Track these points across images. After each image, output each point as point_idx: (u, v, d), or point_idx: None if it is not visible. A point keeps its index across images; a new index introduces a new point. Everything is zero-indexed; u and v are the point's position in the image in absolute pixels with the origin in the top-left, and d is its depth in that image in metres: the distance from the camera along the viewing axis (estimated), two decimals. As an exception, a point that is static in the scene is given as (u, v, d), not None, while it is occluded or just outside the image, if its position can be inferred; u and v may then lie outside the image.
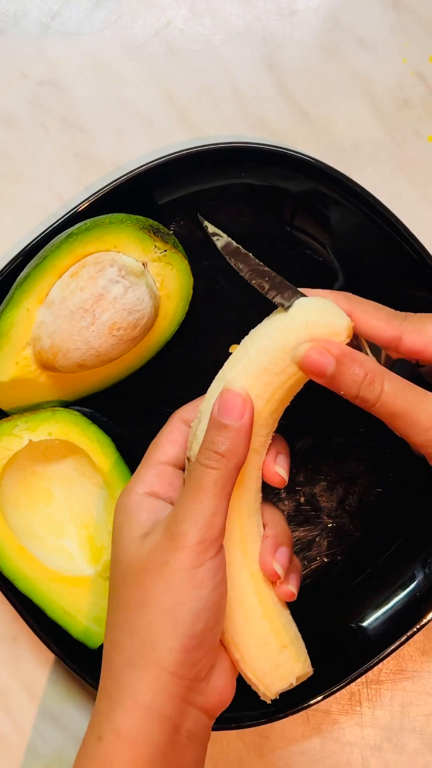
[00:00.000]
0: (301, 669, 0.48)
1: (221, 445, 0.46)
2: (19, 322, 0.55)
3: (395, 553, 0.60)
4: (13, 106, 0.63)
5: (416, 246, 0.58)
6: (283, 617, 0.49)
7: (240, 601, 0.48)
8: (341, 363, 0.45)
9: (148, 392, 0.60)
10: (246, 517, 0.49)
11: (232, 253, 0.51)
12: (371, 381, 0.46)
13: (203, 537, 0.45)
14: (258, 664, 0.48)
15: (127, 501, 0.49)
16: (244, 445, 0.46)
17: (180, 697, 0.45)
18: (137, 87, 0.63)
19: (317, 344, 0.46)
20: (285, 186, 0.60)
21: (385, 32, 0.63)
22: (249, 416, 0.46)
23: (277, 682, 0.48)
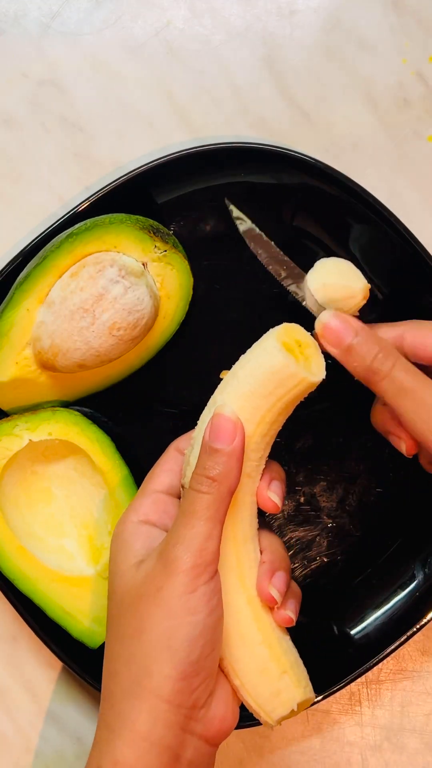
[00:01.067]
0: (302, 695, 0.47)
1: (213, 470, 0.46)
2: (19, 322, 0.55)
3: (395, 553, 0.60)
4: (13, 106, 0.63)
5: (416, 246, 0.58)
6: (282, 643, 0.48)
7: (238, 627, 0.47)
8: (359, 335, 0.47)
9: (148, 392, 0.60)
10: (241, 543, 0.49)
11: (253, 238, 0.53)
12: (386, 356, 0.47)
13: (196, 562, 0.44)
14: (258, 690, 0.47)
15: (122, 530, 0.49)
16: (236, 469, 0.46)
17: (179, 725, 0.44)
18: (137, 87, 0.63)
19: (340, 315, 0.47)
20: (285, 186, 0.60)
21: (385, 32, 0.63)
22: (240, 440, 0.46)
23: (278, 708, 0.47)
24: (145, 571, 0.46)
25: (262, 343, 0.48)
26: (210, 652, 0.45)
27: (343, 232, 0.60)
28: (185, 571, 0.44)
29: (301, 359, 0.47)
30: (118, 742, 0.44)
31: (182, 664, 0.44)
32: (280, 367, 0.46)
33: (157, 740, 0.44)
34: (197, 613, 0.44)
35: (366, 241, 0.60)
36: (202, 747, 0.46)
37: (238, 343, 0.60)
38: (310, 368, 0.47)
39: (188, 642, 0.44)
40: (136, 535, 0.49)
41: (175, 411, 0.60)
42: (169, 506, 0.50)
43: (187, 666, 0.44)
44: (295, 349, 0.48)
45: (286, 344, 0.47)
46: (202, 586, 0.44)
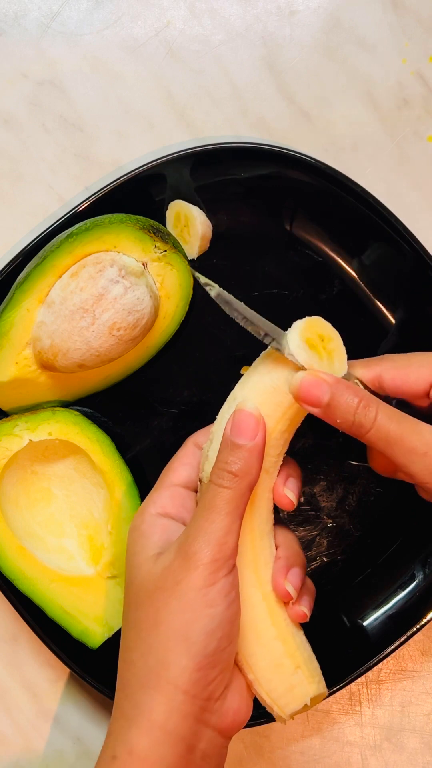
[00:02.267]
0: (315, 690, 0.48)
1: (234, 465, 0.46)
2: (19, 322, 0.55)
3: (395, 553, 0.60)
4: (13, 106, 0.63)
5: (416, 246, 0.58)
6: (296, 638, 0.49)
7: (253, 622, 0.48)
8: (336, 390, 0.46)
9: (148, 392, 0.60)
10: (258, 537, 0.49)
11: (225, 303, 0.52)
12: (366, 406, 0.46)
13: (216, 556, 0.45)
14: (272, 685, 0.47)
15: (140, 522, 0.50)
16: (257, 464, 0.46)
17: (194, 716, 0.45)
18: (137, 87, 0.63)
19: (310, 374, 0.46)
20: (285, 186, 0.60)
21: (385, 32, 0.63)
22: (262, 436, 0.47)
23: (292, 703, 0.47)
24: (163, 563, 0.46)
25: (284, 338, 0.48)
26: (227, 645, 0.45)
27: (342, 232, 0.60)
28: (205, 564, 0.44)
29: (324, 355, 0.47)
30: (133, 730, 0.45)
31: (199, 655, 0.44)
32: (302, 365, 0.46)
33: (173, 730, 0.44)
34: (215, 605, 0.44)
35: (366, 241, 0.60)
36: (216, 738, 0.46)
37: (238, 343, 0.60)
38: (333, 363, 0.47)
39: (206, 634, 0.44)
40: (154, 527, 0.49)
41: (175, 411, 0.60)
42: (187, 500, 0.50)
43: (203, 658, 0.44)
44: (318, 345, 0.47)
45: (309, 340, 0.47)
46: (221, 580, 0.45)
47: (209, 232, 0.60)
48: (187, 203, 0.59)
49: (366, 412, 0.46)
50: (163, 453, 0.60)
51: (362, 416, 0.46)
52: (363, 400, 0.46)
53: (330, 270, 0.61)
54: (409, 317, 0.60)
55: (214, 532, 0.45)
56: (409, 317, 0.60)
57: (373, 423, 0.46)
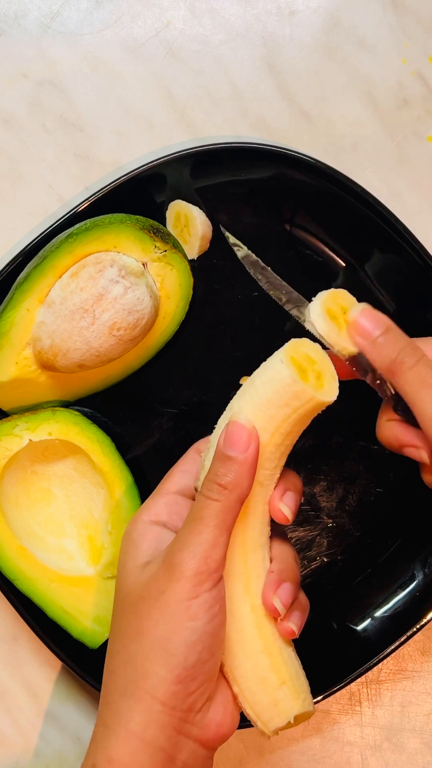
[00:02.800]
0: (299, 707, 0.47)
1: (224, 477, 0.45)
2: (19, 322, 0.55)
3: (395, 553, 0.60)
4: (13, 106, 0.63)
5: (416, 246, 0.58)
6: (284, 653, 0.48)
7: (240, 634, 0.47)
8: (388, 330, 0.47)
9: (148, 392, 0.60)
10: (250, 549, 0.48)
11: (252, 264, 0.53)
12: (413, 349, 0.47)
13: (200, 569, 0.44)
14: (256, 699, 0.47)
15: (132, 529, 0.49)
16: (247, 477, 0.46)
17: (173, 727, 0.44)
18: (137, 87, 0.63)
19: (368, 310, 0.47)
20: (285, 186, 0.60)
21: (385, 32, 0.63)
22: (254, 449, 0.46)
23: (275, 718, 0.47)
24: (149, 572, 0.46)
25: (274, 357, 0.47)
26: (208, 658, 0.45)
27: (342, 232, 0.60)
28: (188, 577, 0.44)
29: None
30: (113, 739, 0.45)
31: (178, 667, 0.44)
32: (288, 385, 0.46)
33: (151, 740, 0.44)
34: (197, 619, 0.44)
35: (366, 241, 0.60)
36: (198, 750, 0.46)
37: (238, 343, 0.60)
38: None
39: (186, 646, 0.44)
40: (145, 535, 0.48)
41: (175, 411, 0.60)
42: (182, 508, 0.50)
43: (183, 670, 0.44)
44: (339, 317, 0.48)
45: (330, 311, 0.47)
46: (204, 593, 0.44)
47: (209, 232, 0.60)
48: (187, 203, 0.59)
49: (412, 352, 0.47)
50: (163, 453, 0.60)
51: (406, 354, 0.47)
52: (409, 344, 0.47)
53: (330, 270, 0.61)
54: (408, 317, 0.60)
55: (200, 544, 0.44)
56: (409, 317, 0.60)
57: (416, 363, 0.46)
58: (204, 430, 0.60)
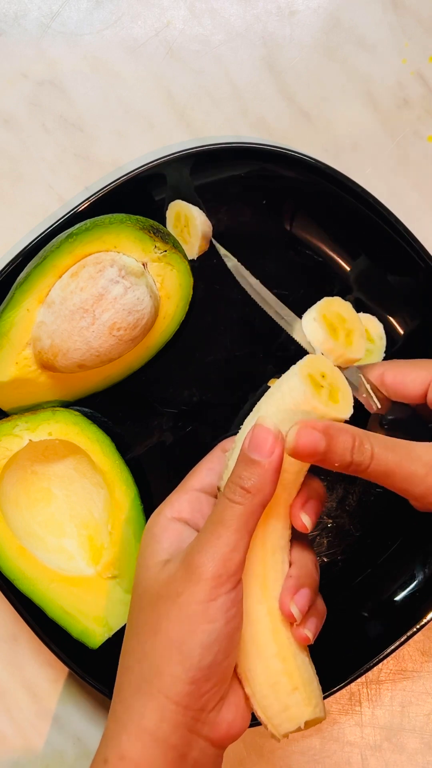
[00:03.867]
0: (311, 713, 0.47)
1: (248, 481, 0.45)
2: (19, 322, 0.55)
3: (395, 553, 0.60)
4: (13, 106, 0.63)
5: (416, 246, 0.58)
6: (298, 658, 0.48)
7: (254, 636, 0.47)
8: (330, 435, 0.45)
9: (148, 392, 0.60)
10: (270, 552, 0.48)
11: (241, 275, 0.54)
12: (361, 443, 0.45)
13: (219, 571, 0.44)
14: (267, 702, 0.47)
15: (154, 524, 0.49)
16: (271, 482, 0.46)
17: (185, 726, 0.44)
18: (137, 87, 0.63)
19: (302, 427, 0.45)
20: (285, 186, 0.60)
21: (385, 32, 0.63)
22: (278, 454, 0.46)
23: (285, 723, 0.47)
24: (168, 571, 0.46)
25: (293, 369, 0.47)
26: (223, 659, 0.45)
27: (342, 232, 0.60)
28: (207, 579, 0.44)
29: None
30: (124, 736, 0.45)
31: (193, 668, 0.44)
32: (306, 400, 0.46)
33: (163, 738, 0.44)
34: (214, 621, 0.44)
35: (366, 241, 0.60)
36: (208, 749, 0.46)
37: (238, 343, 0.60)
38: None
39: (202, 648, 0.44)
40: (167, 531, 0.48)
41: (175, 411, 0.60)
42: (205, 505, 0.50)
43: (197, 671, 0.44)
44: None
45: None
46: (222, 596, 0.44)
47: (209, 232, 0.60)
48: (187, 203, 0.59)
49: (362, 449, 0.45)
50: (163, 453, 0.60)
51: (359, 455, 0.45)
52: (357, 438, 0.45)
53: (330, 270, 0.61)
54: (408, 317, 0.60)
55: (220, 547, 0.44)
56: (409, 317, 0.60)
57: (371, 458, 0.45)
58: (204, 430, 0.60)
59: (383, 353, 0.59)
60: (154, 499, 0.60)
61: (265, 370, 0.60)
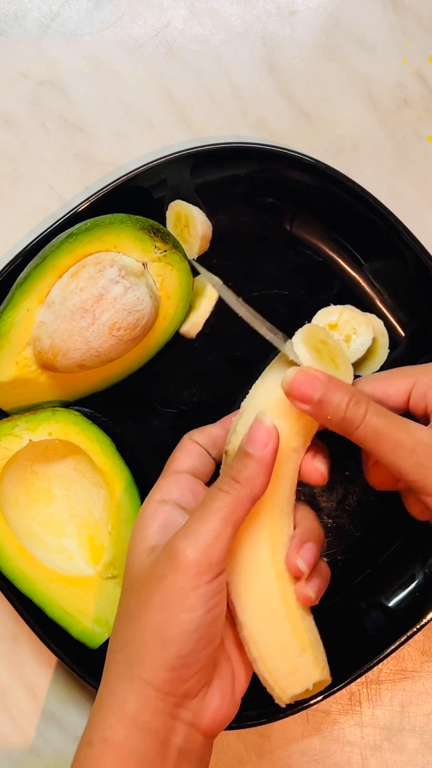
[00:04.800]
0: (319, 675, 0.47)
1: (239, 472, 0.46)
2: (19, 322, 0.55)
3: (395, 553, 0.60)
4: (13, 106, 0.63)
5: (416, 246, 0.58)
6: (306, 621, 0.48)
7: (263, 600, 0.47)
8: (328, 387, 0.46)
9: (148, 392, 0.60)
10: (278, 516, 0.48)
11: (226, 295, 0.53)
12: (357, 403, 0.46)
13: (200, 559, 0.44)
14: (275, 664, 0.47)
15: (144, 509, 0.50)
16: (262, 475, 0.46)
17: (167, 713, 0.44)
18: (137, 87, 0.63)
19: (303, 370, 0.46)
20: (285, 186, 0.60)
21: (385, 32, 0.63)
22: (272, 448, 0.46)
23: (293, 685, 0.47)
24: (154, 556, 0.46)
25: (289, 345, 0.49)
26: (204, 647, 0.45)
27: (342, 232, 0.60)
28: (188, 566, 0.44)
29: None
30: (108, 719, 0.45)
31: (173, 656, 0.44)
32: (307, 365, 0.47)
33: (144, 723, 0.44)
34: (194, 610, 0.44)
35: (366, 241, 0.60)
36: (194, 735, 0.46)
37: (238, 343, 0.60)
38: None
39: (182, 636, 0.44)
40: (155, 515, 0.49)
41: (175, 411, 0.60)
42: (192, 484, 0.50)
43: (177, 659, 0.44)
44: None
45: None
46: (203, 586, 0.44)
47: (209, 232, 0.60)
48: (187, 203, 0.59)
49: (356, 409, 0.46)
50: (163, 453, 0.60)
51: (352, 413, 0.46)
52: (354, 397, 0.46)
53: (330, 270, 0.61)
54: (409, 315, 0.60)
55: (203, 533, 0.44)
56: (409, 316, 0.60)
57: (363, 419, 0.46)
58: (204, 430, 0.60)
59: (387, 351, 0.59)
60: (154, 499, 0.60)
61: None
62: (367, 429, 0.46)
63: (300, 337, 0.48)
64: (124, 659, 0.46)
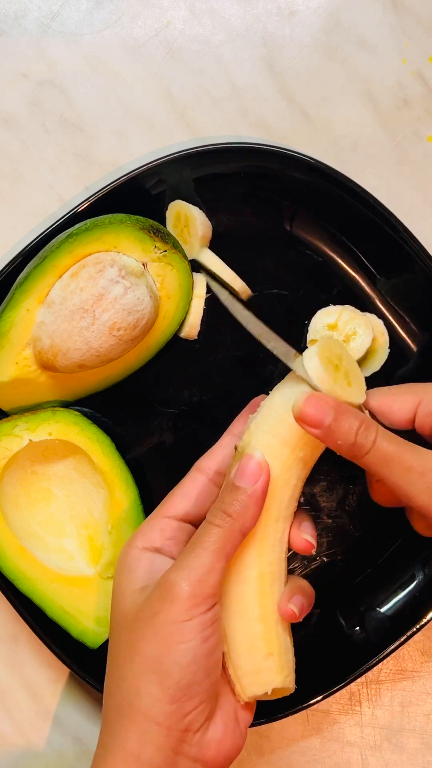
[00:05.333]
0: (281, 682, 0.48)
1: (230, 506, 0.46)
2: (19, 322, 0.55)
3: (395, 553, 0.60)
4: (13, 106, 0.63)
5: (416, 246, 0.58)
6: (279, 627, 0.49)
7: (241, 597, 0.48)
8: (339, 412, 0.46)
9: (148, 392, 0.60)
10: (273, 519, 0.48)
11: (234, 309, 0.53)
12: (366, 428, 0.46)
13: (195, 592, 0.44)
14: (240, 662, 0.47)
15: (126, 554, 0.50)
16: (253, 509, 0.46)
17: (170, 748, 0.44)
18: (137, 87, 0.63)
19: (313, 395, 0.46)
20: (285, 186, 0.60)
21: (385, 32, 0.63)
22: (262, 483, 0.47)
23: (253, 686, 0.47)
24: (145, 595, 0.46)
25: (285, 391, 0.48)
26: (204, 678, 0.45)
27: (342, 232, 0.60)
28: (182, 599, 0.44)
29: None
30: (110, 760, 0.45)
31: (172, 688, 0.44)
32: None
33: (147, 761, 0.44)
34: (190, 640, 0.44)
35: (366, 241, 0.60)
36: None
37: (238, 343, 0.60)
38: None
39: (179, 667, 0.44)
40: (140, 561, 0.49)
41: (175, 411, 0.60)
42: (178, 533, 0.50)
43: (177, 690, 0.44)
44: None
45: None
46: (198, 617, 0.44)
47: (209, 232, 0.60)
48: (187, 203, 0.59)
49: (366, 434, 0.46)
50: (163, 453, 0.60)
51: (362, 438, 0.46)
52: (363, 423, 0.46)
53: (330, 270, 0.60)
54: (408, 316, 0.60)
55: (196, 568, 0.45)
56: (409, 316, 0.60)
57: (373, 444, 0.46)
58: (204, 431, 0.60)
59: (387, 351, 0.59)
60: (154, 499, 0.60)
61: (265, 370, 0.60)
62: (377, 454, 0.46)
63: (311, 354, 0.48)
64: (121, 697, 0.45)
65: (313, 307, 0.60)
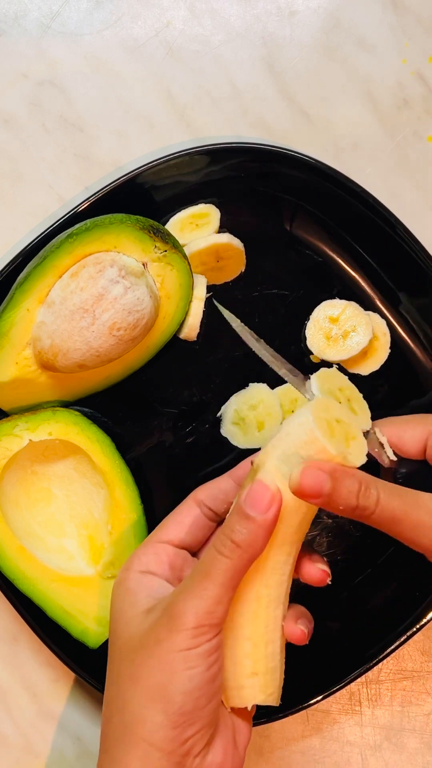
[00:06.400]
0: (262, 700, 0.47)
1: (239, 535, 0.45)
2: (19, 322, 0.55)
3: (395, 553, 0.60)
4: (13, 106, 0.63)
5: (416, 246, 0.58)
6: (269, 647, 0.48)
7: (238, 613, 0.47)
8: (336, 478, 0.44)
9: (148, 392, 0.60)
10: (278, 544, 0.47)
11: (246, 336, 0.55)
12: (367, 488, 0.45)
13: (201, 623, 0.44)
14: (226, 675, 0.47)
15: (125, 578, 0.49)
16: (262, 538, 0.45)
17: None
18: (137, 87, 0.63)
19: (308, 467, 0.45)
20: (285, 186, 0.60)
21: (385, 32, 0.63)
22: (274, 512, 0.45)
23: (235, 699, 0.47)
24: (150, 620, 0.46)
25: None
26: (206, 704, 0.44)
27: (342, 232, 0.60)
28: (189, 630, 0.44)
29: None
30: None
31: (175, 713, 0.44)
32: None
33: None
34: (195, 667, 0.44)
35: (366, 241, 0.60)
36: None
37: (238, 343, 0.60)
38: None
39: (183, 693, 0.44)
40: (140, 585, 0.48)
41: (175, 411, 0.60)
42: (174, 558, 0.50)
43: (179, 716, 0.44)
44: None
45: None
46: (204, 644, 0.44)
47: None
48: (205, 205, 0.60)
49: (368, 494, 0.45)
50: (163, 453, 0.60)
51: (364, 500, 0.45)
52: (363, 483, 0.45)
53: (330, 270, 0.61)
54: (409, 315, 0.60)
55: (205, 599, 0.44)
56: (410, 315, 0.60)
57: (377, 504, 0.45)
58: (204, 431, 0.60)
59: (388, 351, 0.59)
60: (154, 499, 0.60)
61: (265, 370, 0.60)
62: (383, 515, 0.45)
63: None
64: (122, 723, 0.45)
65: (313, 308, 0.60)
